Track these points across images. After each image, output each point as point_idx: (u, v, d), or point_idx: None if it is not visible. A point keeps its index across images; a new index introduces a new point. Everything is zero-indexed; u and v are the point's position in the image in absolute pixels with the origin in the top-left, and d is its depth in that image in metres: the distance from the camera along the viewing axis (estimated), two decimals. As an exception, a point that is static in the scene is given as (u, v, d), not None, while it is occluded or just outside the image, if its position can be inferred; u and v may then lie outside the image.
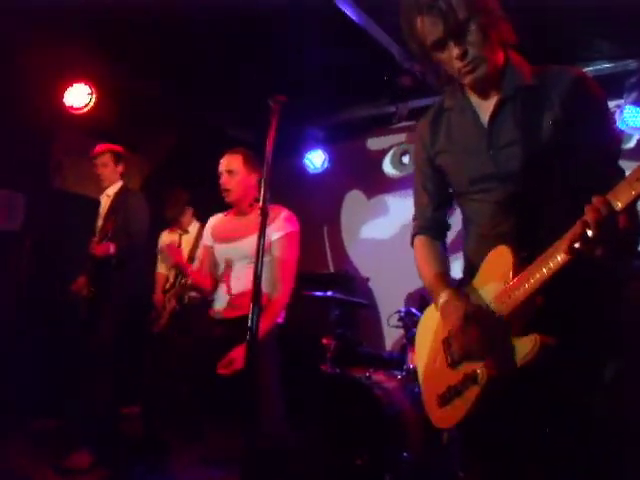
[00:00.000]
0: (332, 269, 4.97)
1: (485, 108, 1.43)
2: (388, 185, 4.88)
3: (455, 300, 1.40)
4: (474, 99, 1.46)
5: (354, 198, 5.14)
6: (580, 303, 1.29)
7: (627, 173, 1.08)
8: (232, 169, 2.68)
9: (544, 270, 1.19)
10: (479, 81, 1.37)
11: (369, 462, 2.86)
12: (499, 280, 1.33)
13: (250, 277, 1.80)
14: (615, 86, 3.49)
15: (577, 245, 1.09)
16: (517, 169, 1.35)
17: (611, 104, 3.49)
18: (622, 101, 3.52)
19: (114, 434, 3.17)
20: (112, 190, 3.49)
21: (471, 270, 1.48)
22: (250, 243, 2.48)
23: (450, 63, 1.35)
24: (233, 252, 2.65)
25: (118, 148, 3.53)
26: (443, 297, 1.45)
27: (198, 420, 3.43)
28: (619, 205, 1.03)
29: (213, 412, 3.52)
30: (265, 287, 2.22)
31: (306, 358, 3.82)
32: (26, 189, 4.14)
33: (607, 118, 1.39)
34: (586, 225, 1.06)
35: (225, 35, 3.56)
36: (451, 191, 1.61)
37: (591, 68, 3.61)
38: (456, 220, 1.67)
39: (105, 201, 3.50)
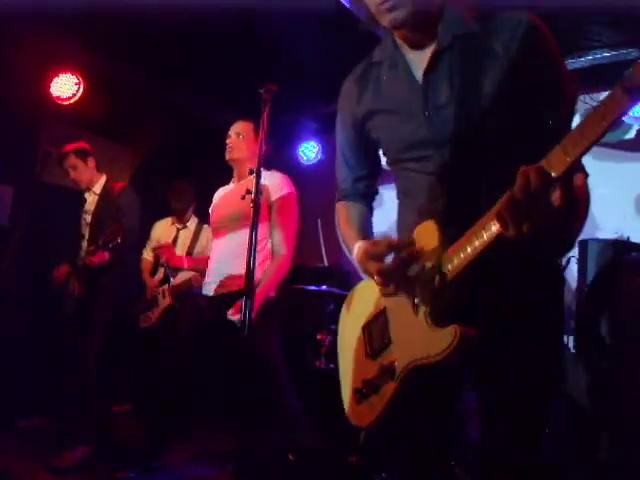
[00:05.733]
0: (326, 262, 4.90)
1: (419, 61, 1.22)
2: (383, 177, 4.78)
3: (371, 244, 1.26)
4: (407, 51, 1.25)
5: (349, 190, 5.05)
6: (514, 294, 1.14)
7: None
8: (241, 132, 2.70)
9: (477, 242, 1.02)
10: (402, 25, 1.18)
11: (362, 460, 2.82)
12: (426, 260, 1.15)
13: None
14: (615, 75, 3.41)
15: (505, 214, 0.93)
16: (451, 134, 1.17)
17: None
18: (622, 90, 3.43)
19: (107, 432, 3.13)
20: (98, 187, 3.38)
21: None
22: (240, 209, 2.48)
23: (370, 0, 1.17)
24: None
25: (80, 145, 3.38)
26: (358, 246, 1.31)
27: (191, 418, 3.39)
28: (553, 174, 0.89)
29: (208, 409, 3.47)
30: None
31: (300, 354, 3.77)
32: (13, 182, 4.04)
33: (563, 72, 1.18)
34: (514, 193, 0.91)
35: (215, 24, 3.46)
36: (379, 161, 1.49)
37: (590, 57, 3.54)
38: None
39: (92, 199, 3.38)
